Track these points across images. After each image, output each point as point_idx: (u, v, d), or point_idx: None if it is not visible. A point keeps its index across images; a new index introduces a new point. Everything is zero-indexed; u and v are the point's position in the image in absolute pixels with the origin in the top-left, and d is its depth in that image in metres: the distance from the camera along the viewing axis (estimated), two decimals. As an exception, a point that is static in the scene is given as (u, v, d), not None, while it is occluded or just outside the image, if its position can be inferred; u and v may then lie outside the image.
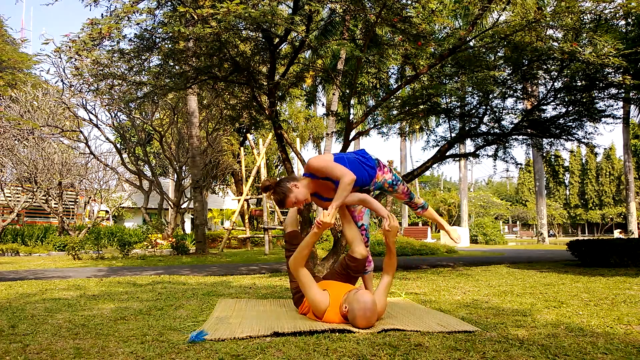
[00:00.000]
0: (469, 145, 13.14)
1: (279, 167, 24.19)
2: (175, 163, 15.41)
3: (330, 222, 2.73)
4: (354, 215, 3.21)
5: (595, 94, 7.12)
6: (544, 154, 8.75)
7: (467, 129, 7.57)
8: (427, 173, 45.10)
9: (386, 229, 2.84)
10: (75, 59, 5.16)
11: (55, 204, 14.43)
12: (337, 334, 2.47)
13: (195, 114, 12.87)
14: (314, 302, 2.75)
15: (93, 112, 14.30)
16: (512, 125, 7.46)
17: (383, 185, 3.15)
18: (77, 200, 17.93)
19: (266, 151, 15.08)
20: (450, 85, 6.50)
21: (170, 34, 5.13)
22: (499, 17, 6.23)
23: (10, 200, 14.89)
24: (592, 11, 5.36)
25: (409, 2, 5.60)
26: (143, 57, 5.64)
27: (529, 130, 7.55)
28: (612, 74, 6.55)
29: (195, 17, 4.29)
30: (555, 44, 6.06)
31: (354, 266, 3.02)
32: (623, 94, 7.22)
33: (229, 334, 2.42)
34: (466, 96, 7.36)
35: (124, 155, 16.07)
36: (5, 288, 4.64)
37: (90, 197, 17.15)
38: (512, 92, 7.30)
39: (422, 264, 8.64)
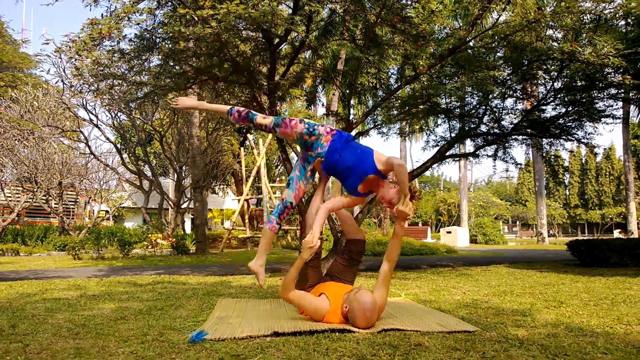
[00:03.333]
0: (469, 146, 13.15)
1: (279, 167, 24.17)
2: (175, 163, 15.41)
3: (315, 244, 2.75)
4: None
5: (595, 94, 7.12)
6: (544, 154, 8.75)
7: (466, 129, 7.57)
8: (427, 173, 45.08)
9: (399, 209, 2.80)
10: (76, 59, 5.16)
11: (55, 204, 14.43)
12: (337, 333, 2.47)
13: (195, 114, 12.87)
14: (314, 311, 2.75)
15: (93, 112, 14.31)
16: (512, 126, 7.46)
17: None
18: (78, 200, 17.93)
19: (266, 151, 15.09)
20: (450, 85, 6.51)
21: (171, 34, 5.13)
22: (498, 18, 6.24)
23: (10, 200, 14.89)
24: (592, 11, 5.37)
25: (409, 2, 5.61)
26: (143, 57, 5.65)
27: (529, 130, 7.55)
28: (612, 74, 6.55)
29: (196, 17, 4.29)
30: (555, 44, 6.07)
31: (356, 247, 3.18)
32: (623, 94, 7.22)
33: (229, 334, 2.42)
34: (466, 96, 7.36)
35: (124, 156, 16.06)
36: (5, 288, 4.64)
37: (90, 197, 17.14)
38: (511, 92, 7.30)
39: (422, 264, 8.64)
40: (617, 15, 5.80)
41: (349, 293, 2.72)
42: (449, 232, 20.14)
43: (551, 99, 7.21)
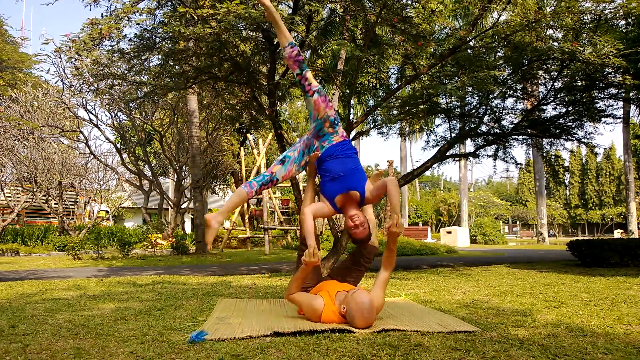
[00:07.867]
0: (469, 145, 13.14)
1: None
2: (175, 163, 15.41)
3: (317, 259, 2.77)
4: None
5: (595, 94, 7.11)
6: (544, 154, 8.75)
7: (467, 129, 7.56)
8: (427, 173, 45.06)
9: (390, 230, 2.83)
10: (75, 59, 5.16)
11: (55, 204, 14.42)
12: (337, 334, 2.47)
13: (195, 114, 12.87)
14: (310, 311, 2.75)
15: (93, 112, 14.31)
16: (512, 125, 7.46)
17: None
18: (77, 200, 17.92)
19: (266, 151, 15.08)
20: (450, 85, 6.50)
21: (171, 34, 5.13)
22: (499, 17, 6.23)
23: (10, 200, 14.88)
24: (592, 11, 5.37)
25: (409, 2, 5.61)
26: (143, 57, 5.64)
27: (529, 130, 7.55)
28: (612, 74, 6.55)
29: (196, 17, 4.29)
30: (556, 44, 6.06)
31: (367, 252, 3.20)
32: (623, 94, 7.22)
33: (229, 334, 2.42)
34: (466, 96, 7.36)
35: (124, 155, 16.06)
36: (5, 288, 4.64)
37: (90, 197, 17.13)
38: (512, 92, 7.30)
39: (422, 264, 8.64)
40: (617, 15, 5.80)
41: (346, 292, 2.72)
42: (449, 232, 20.14)
43: (551, 98, 7.21)
